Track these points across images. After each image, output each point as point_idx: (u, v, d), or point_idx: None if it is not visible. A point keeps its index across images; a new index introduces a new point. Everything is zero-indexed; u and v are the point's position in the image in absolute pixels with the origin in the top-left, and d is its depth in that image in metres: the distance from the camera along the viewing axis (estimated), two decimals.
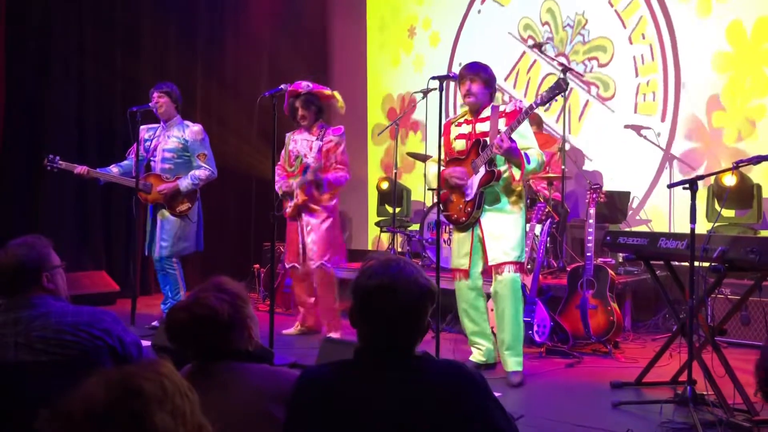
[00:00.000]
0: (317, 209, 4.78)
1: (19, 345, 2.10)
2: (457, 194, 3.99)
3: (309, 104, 4.78)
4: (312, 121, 4.82)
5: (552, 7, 6.60)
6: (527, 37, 6.74)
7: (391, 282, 1.59)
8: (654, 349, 4.03)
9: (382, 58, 7.93)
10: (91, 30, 6.51)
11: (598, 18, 6.34)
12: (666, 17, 5.95)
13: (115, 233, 6.67)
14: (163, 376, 1.03)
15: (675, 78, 5.92)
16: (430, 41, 7.51)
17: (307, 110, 4.77)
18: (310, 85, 4.77)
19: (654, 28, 6.02)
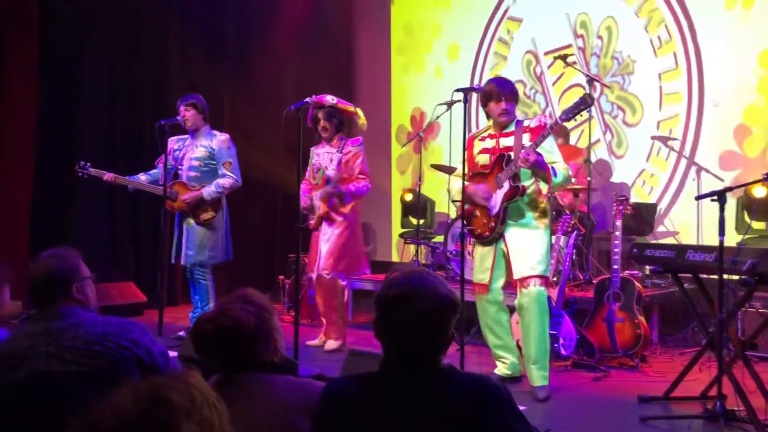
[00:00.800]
0: (337, 219, 4.85)
1: (50, 355, 2.13)
2: (481, 209, 3.98)
3: (331, 117, 4.85)
4: (332, 134, 4.90)
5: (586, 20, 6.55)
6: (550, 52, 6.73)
7: (410, 290, 1.60)
8: (682, 363, 3.97)
9: (405, 71, 7.95)
10: (121, 45, 6.64)
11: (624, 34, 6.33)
12: (692, 32, 5.88)
13: (143, 244, 6.77)
14: (192, 387, 1.04)
15: (699, 94, 5.84)
16: (453, 55, 7.52)
17: (329, 122, 4.85)
18: (334, 99, 4.84)
19: (681, 45, 5.94)
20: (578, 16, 6.54)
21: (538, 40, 6.84)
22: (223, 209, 5.21)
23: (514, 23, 7.01)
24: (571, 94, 6.58)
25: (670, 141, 6.00)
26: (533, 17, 6.87)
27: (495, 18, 7.20)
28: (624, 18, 6.28)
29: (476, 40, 7.32)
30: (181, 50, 7.08)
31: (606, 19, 6.37)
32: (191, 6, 7.10)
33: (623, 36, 6.29)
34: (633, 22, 6.23)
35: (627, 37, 6.27)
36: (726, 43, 5.71)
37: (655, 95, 6.12)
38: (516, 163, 3.75)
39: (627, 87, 6.29)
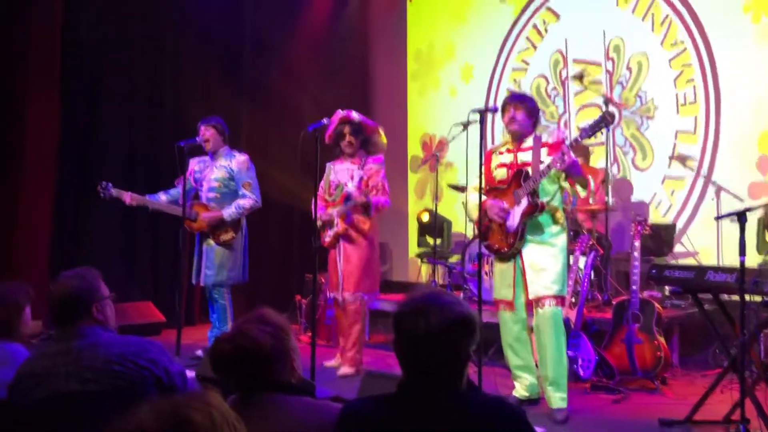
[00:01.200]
0: (357, 237, 4.79)
1: (70, 375, 2.15)
2: (498, 225, 3.96)
3: (358, 133, 4.84)
4: (356, 150, 4.87)
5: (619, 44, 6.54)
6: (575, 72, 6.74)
7: (424, 306, 1.59)
8: (704, 386, 3.91)
9: (421, 93, 8.00)
10: (141, 66, 6.75)
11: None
12: (707, 46, 5.87)
13: (162, 264, 6.81)
14: (212, 406, 1.05)
15: (716, 110, 5.81)
16: (468, 76, 7.56)
17: (355, 137, 4.83)
18: (360, 117, 4.86)
19: (697, 63, 5.92)
20: (613, 40, 6.43)
21: (571, 44, 6.74)
22: (242, 230, 5.24)
23: (552, 16, 6.89)
24: (589, 113, 6.57)
25: (688, 161, 5.96)
26: (571, 18, 6.74)
27: (508, 42, 7.23)
28: (656, 59, 6.16)
29: (492, 62, 7.35)
30: (200, 73, 7.17)
31: (639, 54, 6.27)
32: (210, 29, 7.20)
33: (652, 77, 6.18)
34: (664, 68, 6.11)
35: (655, 80, 6.15)
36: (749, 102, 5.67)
37: (668, 147, 6.07)
38: (536, 177, 3.74)
39: (644, 130, 6.22)
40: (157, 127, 6.83)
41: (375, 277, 4.92)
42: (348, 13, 8.31)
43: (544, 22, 6.97)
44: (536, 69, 7.00)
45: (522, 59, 7.14)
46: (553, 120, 6.80)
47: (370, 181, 4.80)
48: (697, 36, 5.93)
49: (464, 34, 7.63)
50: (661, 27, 6.13)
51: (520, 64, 7.17)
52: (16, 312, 2.65)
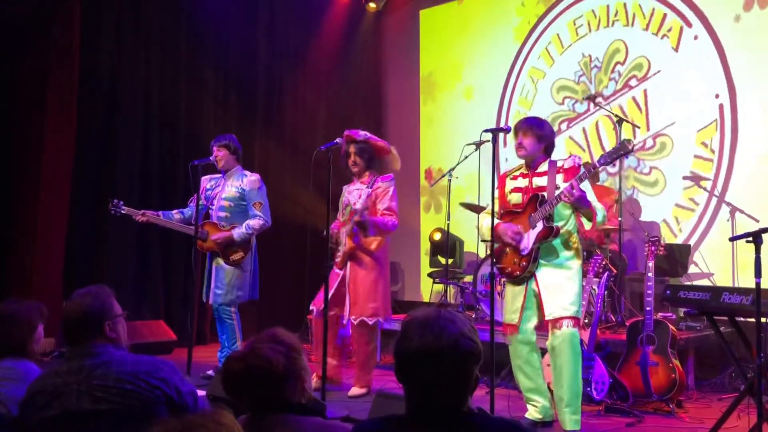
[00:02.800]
0: (364, 257, 4.72)
1: (81, 393, 2.15)
2: (511, 247, 3.95)
3: (363, 152, 4.79)
4: (363, 169, 4.81)
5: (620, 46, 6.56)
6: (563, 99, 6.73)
7: (431, 349, 1.54)
8: (720, 410, 3.84)
9: (434, 111, 8.03)
10: (156, 85, 6.84)
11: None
12: (726, 71, 5.86)
13: (174, 283, 6.84)
14: (223, 426, 1.05)
15: (732, 131, 5.79)
16: (481, 96, 7.59)
17: (360, 157, 4.78)
18: (367, 135, 4.83)
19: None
20: (637, 59, 6.41)
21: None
22: (252, 250, 5.25)
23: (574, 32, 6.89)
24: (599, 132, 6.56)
25: (702, 182, 5.93)
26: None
27: (519, 60, 7.25)
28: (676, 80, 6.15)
29: (503, 81, 7.37)
30: (215, 93, 7.25)
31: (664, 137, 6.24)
32: (225, 50, 7.29)
33: (671, 99, 6.16)
34: (683, 90, 6.10)
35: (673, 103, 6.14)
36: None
37: (684, 169, 6.05)
38: (553, 202, 3.73)
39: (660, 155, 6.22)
40: (172, 146, 6.90)
41: (383, 299, 4.78)
42: (361, 33, 8.39)
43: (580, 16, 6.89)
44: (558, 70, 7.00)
45: (546, 51, 7.12)
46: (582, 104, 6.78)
47: (378, 201, 4.73)
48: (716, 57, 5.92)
49: (478, 48, 7.66)
50: (680, 45, 6.14)
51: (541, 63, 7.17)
52: (29, 330, 2.66)
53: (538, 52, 7.15)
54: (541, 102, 7.05)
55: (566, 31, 6.94)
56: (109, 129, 6.54)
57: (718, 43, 5.92)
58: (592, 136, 6.68)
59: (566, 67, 6.90)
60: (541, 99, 7.08)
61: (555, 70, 7.01)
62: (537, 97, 7.12)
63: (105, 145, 6.52)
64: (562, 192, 3.66)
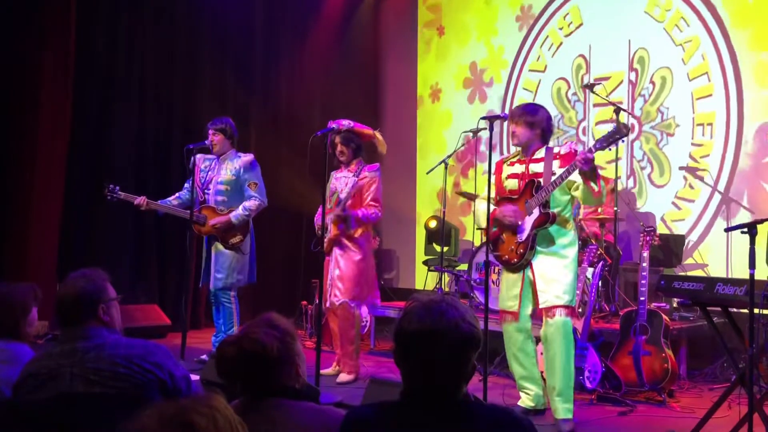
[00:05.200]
0: (349, 244, 4.80)
1: (75, 376, 2.15)
2: (508, 234, 3.93)
3: (348, 141, 4.85)
4: (350, 158, 4.88)
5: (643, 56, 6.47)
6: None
7: (431, 328, 1.55)
8: (711, 399, 3.87)
9: (433, 99, 8.01)
10: (153, 71, 6.79)
11: None
12: (734, 64, 5.81)
13: (169, 267, 6.83)
14: (216, 410, 1.05)
15: (738, 115, 5.76)
16: (482, 82, 7.56)
17: (346, 147, 4.85)
18: (351, 123, 4.85)
19: (723, 84, 5.88)
20: (638, 50, 6.36)
21: (594, 51, 6.67)
22: (250, 232, 5.24)
23: (578, 17, 6.82)
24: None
25: (699, 172, 5.93)
26: (595, 25, 6.66)
27: (524, 47, 7.23)
28: (679, 76, 6.10)
29: (508, 68, 7.34)
30: (212, 77, 7.21)
31: (662, 69, 6.20)
32: (222, 35, 7.24)
33: (675, 93, 6.11)
34: (686, 85, 6.06)
35: (677, 97, 6.09)
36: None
37: (684, 160, 6.04)
38: (549, 188, 3.71)
39: (662, 146, 6.17)
40: (168, 129, 6.86)
41: (368, 285, 4.87)
42: (359, 17, 8.34)
43: (566, 16, 6.90)
44: (555, 71, 6.96)
45: (540, 56, 7.11)
46: (572, 125, 6.77)
47: (363, 191, 4.80)
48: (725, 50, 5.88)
49: (479, 36, 7.62)
50: (684, 41, 6.09)
51: (537, 66, 7.15)
52: (23, 313, 2.66)
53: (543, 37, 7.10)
54: (546, 92, 7.01)
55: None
56: (104, 112, 6.51)
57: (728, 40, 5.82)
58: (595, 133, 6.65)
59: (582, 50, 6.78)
60: (545, 89, 7.04)
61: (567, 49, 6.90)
62: (541, 85, 7.08)
63: (100, 128, 6.48)
64: (577, 159, 3.56)
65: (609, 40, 6.54)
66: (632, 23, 6.39)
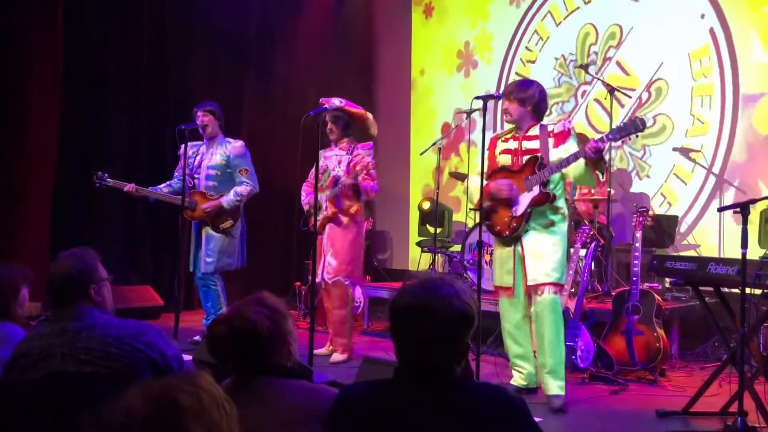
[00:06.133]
0: (345, 221, 4.80)
1: (65, 356, 2.14)
2: (502, 206, 3.91)
3: (337, 119, 4.85)
4: (339, 136, 4.89)
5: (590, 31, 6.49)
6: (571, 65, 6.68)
7: (423, 303, 1.54)
8: (702, 378, 3.90)
9: (427, 80, 7.96)
10: (145, 53, 6.72)
11: None
12: (731, 54, 5.78)
13: (162, 249, 6.81)
14: (201, 389, 1.04)
15: (733, 99, 5.75)
16: (476, 63, 7.52)
17: (335, 124, 4.86)
18: (343, 102, 4.83)
19: (717, 63, 5.84)
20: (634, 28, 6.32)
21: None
22: (241, 217, 5.24)
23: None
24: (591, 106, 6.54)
25: (692, 153, 5.92)
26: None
27: (520, 28, 7.18)
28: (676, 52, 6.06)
29: (503, 49, 7.30)
30: (205, 59, 7.14)
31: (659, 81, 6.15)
32: (216, 14, 7.15)
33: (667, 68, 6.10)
34: (682, 60, 6.03)
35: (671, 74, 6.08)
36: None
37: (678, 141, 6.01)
38: (553, 168, 3.69)
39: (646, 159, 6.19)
40: (161, 114, 6.80)
41: (358, 263, 4.90)
42: None
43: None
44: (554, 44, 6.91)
45: (537, 31, 7.05)
46: (569, 94, 6.74)
47: (358, 167, 4.79)
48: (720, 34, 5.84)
49: (472, 19, 7.57)
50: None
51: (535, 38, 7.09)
52: (13, 293, 2.65)
53: (537, 22, 7.04)
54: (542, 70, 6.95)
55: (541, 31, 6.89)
56: (96, 95, 6.44)
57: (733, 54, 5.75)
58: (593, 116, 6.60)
59: (544, 73, 6.75)
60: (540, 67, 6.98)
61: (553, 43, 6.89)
62: (537, 63, 7.02)
63: (92, 110, 6.42)
64: (587, 147, 3.53)
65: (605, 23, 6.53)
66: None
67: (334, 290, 4.81)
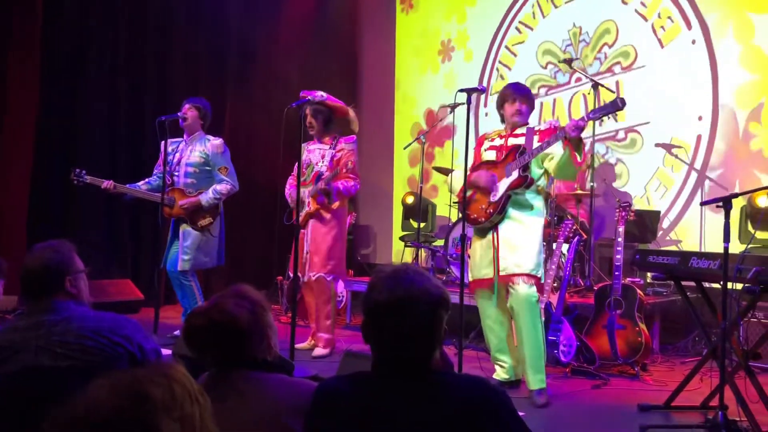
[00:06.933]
0: (326, 217, 4.78)
1: (41, 349, 2.09)
2: (481, 194, 3.90)
3: (317, 113, 4.81)
4: (320, 131, 4.86)
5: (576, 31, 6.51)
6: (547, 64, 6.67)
7: (402, 297, 1.52)
8: (683, 373, 3.92)
9: (410, 74, 7.93)
10: (124, 45, 6.63)
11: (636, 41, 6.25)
12: (709, 48, 5.81)
13: (143, 243, 6.73)
14: (173, 380, 0.99)
15: (714, 101, 5.78)
16: (459, 57, 7.50)
17: (315, 119, 4.82)
18: (325, 96, 4.78)
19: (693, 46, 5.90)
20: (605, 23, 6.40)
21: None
22: (220, 215, 5.19)
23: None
24: (576, 100, 6.56)
25: (674, 149, 5.95)
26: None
27: (506, 21, 7.17)
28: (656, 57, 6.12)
29: (486, 43, 7.27)
30: (185, 51, 7.06)
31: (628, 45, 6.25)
32: (196, 7, 7.07)
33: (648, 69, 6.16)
34: (661, 59, 6.10)
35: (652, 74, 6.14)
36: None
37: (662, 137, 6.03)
38: (533, 152, 3.69)
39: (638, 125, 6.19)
40: (140, 109, 6.72)
41: (340, 258, 4.87)
42: None
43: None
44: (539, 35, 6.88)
45: (522, 23, 7.03)
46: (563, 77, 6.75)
47: (341, 162, 4.76)
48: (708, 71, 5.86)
49: (458, 13, 7.54)
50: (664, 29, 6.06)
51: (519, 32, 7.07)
52: None
53: (526, 11, 7.03)
54: (524, 63, 6.94)
55: None
56: (74, 90, 6.35)
57: (713, 57, 5.78)
58: (575, 107, 6.62)
59: (554, 31, 6.73)
60: (523, 60, 6.97)
61: (541, 31, 6.85)
62: (519, 58, 7.01)
63: (70, 103, 6.33)
64: (567, 125, 3.54)
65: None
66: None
67: (317, 286, 4.78)
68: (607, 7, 6.40)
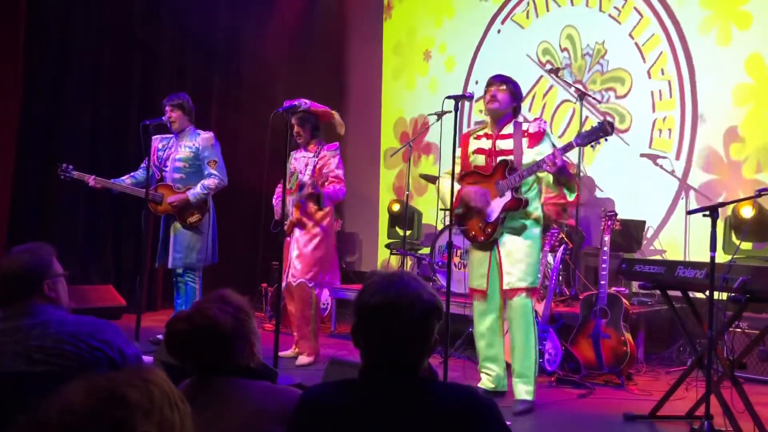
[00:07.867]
0: (309, 226, 4.75)
1: (17, 354, 2.04)
2: (476, 212, 3.87)
3: (304, 121, 4.78)
4: (307, 139, 4.83)
5: (572, 33, 6.54)
6: (545, 62, 6.69)
7: (394, 300, 1.50)
8: (668, 382, 3.91)
9: (397, 81, 7.93)
10: (109, 44, 6.56)
11: (617, 49, 6.25)
12: (686, 51, 5.85)
13: (124, 248, 6.65)
14: (152, 384, 0.95)
15: (692, 110, 5.83)
16: (445, 65, 7.51)
17: (302, 127, 4.79)
18: (308, 103, 4.75)
19: (673, 61, 5.92)
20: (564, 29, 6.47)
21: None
22: (209, 211, 5.12)
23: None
24: (564, 109, 6.58)
25: (659, 160, 5.98)
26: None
27: (494, 25, 7.18)
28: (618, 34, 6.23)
29: (471, 50, 7.28)
30: (170, 52, 7.00)
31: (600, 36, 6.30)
32: (183, 9, 7.02)
33: (615, 53, 6.25)
34: (626, 41, 6.18)
35: (619, 54, 6.22)
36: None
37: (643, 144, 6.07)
38: (523, 173, 3.66)
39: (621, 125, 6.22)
40: (124, 106, 6.65)
41: (328, 266, 4.83)
42: None
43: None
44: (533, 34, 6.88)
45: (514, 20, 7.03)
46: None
47: (324, 170, 4.75)
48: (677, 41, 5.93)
49: (443, 19, 7.55)
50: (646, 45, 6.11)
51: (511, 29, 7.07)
52: None
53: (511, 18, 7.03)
54: (513, 57, 6.92)
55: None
56: (57, 85, 6.27)
57: (691, 66, 5.85)
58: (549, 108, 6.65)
59: (549, 30, 6.72)
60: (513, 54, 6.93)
61: (536, 31, 6.83)
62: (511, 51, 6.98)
63: (53, 102, 6.24)
64: (544, 161, 3.54)
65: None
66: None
67: (298, 292, 4.74)
68: (596, 21, 6.44)
